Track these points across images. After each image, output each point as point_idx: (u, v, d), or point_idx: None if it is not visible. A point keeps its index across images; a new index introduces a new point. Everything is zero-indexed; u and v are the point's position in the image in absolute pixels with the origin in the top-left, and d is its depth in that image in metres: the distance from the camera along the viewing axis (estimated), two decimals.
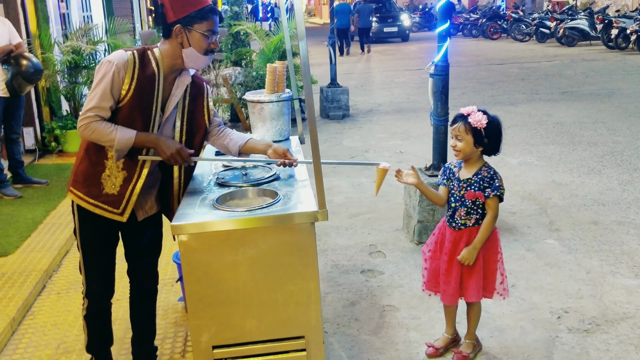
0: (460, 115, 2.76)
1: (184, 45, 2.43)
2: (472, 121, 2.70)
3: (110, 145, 2.40)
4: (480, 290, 2.86)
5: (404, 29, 23.89)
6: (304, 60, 2.21)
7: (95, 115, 2.37)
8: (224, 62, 9.87)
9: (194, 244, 2.28)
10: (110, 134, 2.37)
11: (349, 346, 3.17)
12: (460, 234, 2.83)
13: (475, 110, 2.73)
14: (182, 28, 2.41)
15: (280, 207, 2.35)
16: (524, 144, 7.29)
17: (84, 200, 2.52)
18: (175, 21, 2.40)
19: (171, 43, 2.45)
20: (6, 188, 5.58)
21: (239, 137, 2.70)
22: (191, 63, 2.49)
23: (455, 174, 2.86)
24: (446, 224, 2.90)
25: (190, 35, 2.42)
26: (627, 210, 4.98)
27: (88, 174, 2.51)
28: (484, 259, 2.84)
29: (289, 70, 3.57)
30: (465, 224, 2.82)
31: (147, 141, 2.44)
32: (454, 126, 2.77)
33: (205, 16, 2.42)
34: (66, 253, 4.52)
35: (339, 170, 6.41)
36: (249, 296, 2.35)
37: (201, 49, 2.45)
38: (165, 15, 2.42)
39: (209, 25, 2.43)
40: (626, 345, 3.07)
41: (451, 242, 2.85)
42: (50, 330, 3.44)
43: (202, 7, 2.41)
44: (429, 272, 2.98)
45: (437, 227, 2.99)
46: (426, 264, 3.00)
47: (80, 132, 2.41)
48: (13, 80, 5.36)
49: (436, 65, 4.29)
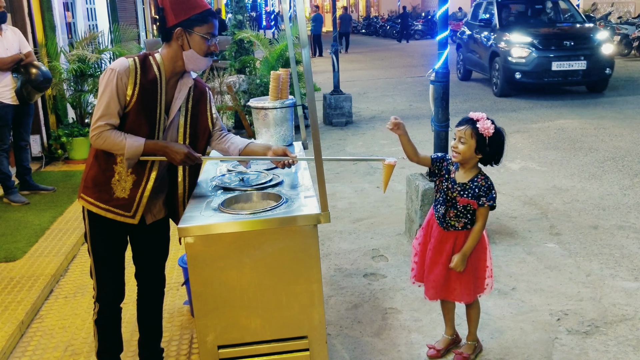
0: (469, 119, 2.78)
1: (185, 48, 2.50)
2: (480, 127, 2.72)
3: (121, 154, 2.47)
4: (471, 291, 2.91)
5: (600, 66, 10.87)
6: (306, 67, 2.28)
7: (105, 124, 2.44)
8: (229, 70, 9.96)
9: (200, 246, 2.35)
10: (120, 142, 2.44)
11: (352, 348, 3.23)
12: (447, 235, 2.87)
13: (485, 117, 2.75)
14: (183, 31, 2.47)
15: (284, 210, 2.41)
16: (525, 150, 7.35)
17: (95, 205, 2.58)
18: (176, 24, 2.46)
19: (172, 46, 2.52)
20: (14, 195, 5.66)
21: (240, 142, 2.76)
22: (192, 65, 2.55)
23: (452, 173, 2.88)
24: (436, 220, 2.93)
25: (191, 37, 2.48)
26: (627, 214, 5.03)
27: (98, 180, 2.57)
28: (474, 261, 2.89)
29: (292, 77, 3.65)
30: (454, 226, 2.86)
31: (156, 148, 2.51)
32: (460, 128, 2.78)
33: (205, 19, 2.49)
34: (73, 258, 4.59)
35: (342, 175, 6.48)
36: (254, 297, 2.40)
37: (201, 51, 2.52)
38: (165, 18, 2.49)
39: (208, 28, 2.50)
40: (625, 347, 3.12)
41: (437, 240, 2.89)
42: (58, 333, 3.51)
43: (202, 11, 2.48)
44: (418, 264, 3.03)
45: (426, 220, 3.02)
46: (416, 258, 3.06)
47: (92, 142, 2.48)
48: (23, 89, 5.45)
49: (437, 72, 4.36)
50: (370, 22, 36.95)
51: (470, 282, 2.89)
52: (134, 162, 2.50)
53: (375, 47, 27.09)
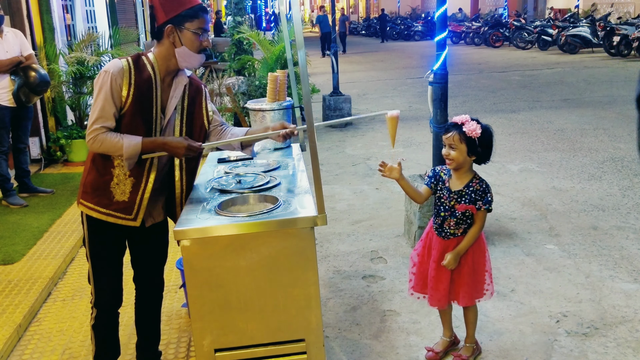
0: (454, 124, 2.76)
1: (177, 45, 2.47)
2: (467, 130, 2.70)
3: (119, 155, 2.45)
4: (473, 294, 2.90)
5: None
6: (302, 68, 2.28)
7: (101, 127, 2.42)
8: (227, 72, 9.96)
9: (196, 249, 2.34)
10: (117, 143, 2.42)
11: (350, 350, 3.22)
12: (448, 243, 2.86)
13: (469, 119, 2.73)
14: (174, 28, 2.45)
15: (281, 212, 2.40)
16: (525, 151, 7.34)
17: (96, 210, 2.56)
18: (167, 21, 2.44)
19: (164, 44, 2.49)
20: (12, 197, 5.66)
21: (239, 131, 2.75)
22: (185, 62, 2.52)
23: (445, 182, 2.86)
24: (434, 232, 2.93)
25: (182, 34, 2.45)
26: (627, 215, 5.02)
27: (97, 185, 2.55)
28: (473, 264, 2.88)
29: (290, 78, 3.64)
30: (454, 234, 2.85)
31: (155, 145, 2.48)
32: (448, 135, 2.77)
33: (195, 14, 2.46)
34: (71, 261, 4.58)
35: (341, 177, 6.47)
36: (251, 300, 2.39)
37: (194, 48, 2.49)
38: (156, 16, 2.47)
39: (199, 23, 2.47)
40: (624, 349, 3.11)
41: (439, 251, 2.88)
42: (55, 337, 3.50)
43: (192, 6, 2.46)
44: (417, 275, 3.01)
45: (425, 232, 3.01)
46: (414, 269, 3.04)
47: (89, 145, 2.46)
48: (19, 91, 5.45)
49: (435, 73, 4.35)
50: (370, 24, 37.09)
51: (472, 285, 2.88)
52: (134, 161, 2.48)
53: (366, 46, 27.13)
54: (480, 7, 34.45)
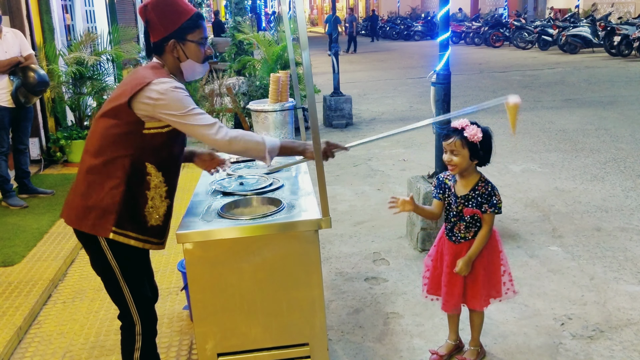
0: (454, 129, 2.73)
1: (182, 59, 2.35)
2: (468, 135, 2.67)
3: (259, 150, 2.32)
4: (489, 295, 2.88)
5: None
6: (306, 69, 2.25)
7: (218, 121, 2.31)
8: (228, 72, 9.94)
9: (199, 252, 2.31)
10: (254, 136, 2.31)
11: (354, 353, 3.19)
12: (460, 247, 2.84)
13: (469, 123, 2.70)
14: (177, 42, 2.32)
15: (284, 215, 2.37)
16: (526, 152, 7.31)
17: (134, 238, 2.32)
18: (167, 36, 2.31)
19: (166, 60, 2.37)
20: (12, 198, 5.63)
21: None
22: (191, 75, 2.43)
23: (451, 188, 2.84)
24: (445, 237, 2.91)
25: (186, 47, 2.34)
26: (630, 216, 4.99)
27: (133, 209, 2.31)
28: (487, 264, 2.85)
29: (292, 79, 3.61)
30: (465, 237, 2.82)
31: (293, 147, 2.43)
32: (449, 141, 2.73)
33: (195, 24, 2.34)
34: (72, 262, 4.55)
35: (343, 178, 6.44)
36: (254, 303, 2.37)
37: (199, 59, 2.38)
38: (151, 32, 2.33)
39: (200, 32, 2.36)
40: (630, 352, 3.08)
41: (451, 255, 2.85)
42: (56, 339, 3.47)
43: (191, 16, 2.33)
44: (430, 279, 2.99)
45: (438, 237, 3.00)
46: (427, 273, 3.02)
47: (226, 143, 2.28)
48: (18, 92, 5.41)
49: (438, 74, 4.33)
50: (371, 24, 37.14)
51: (486, 288, 2.86)
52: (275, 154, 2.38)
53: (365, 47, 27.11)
54: (481, 7, 34.46)
